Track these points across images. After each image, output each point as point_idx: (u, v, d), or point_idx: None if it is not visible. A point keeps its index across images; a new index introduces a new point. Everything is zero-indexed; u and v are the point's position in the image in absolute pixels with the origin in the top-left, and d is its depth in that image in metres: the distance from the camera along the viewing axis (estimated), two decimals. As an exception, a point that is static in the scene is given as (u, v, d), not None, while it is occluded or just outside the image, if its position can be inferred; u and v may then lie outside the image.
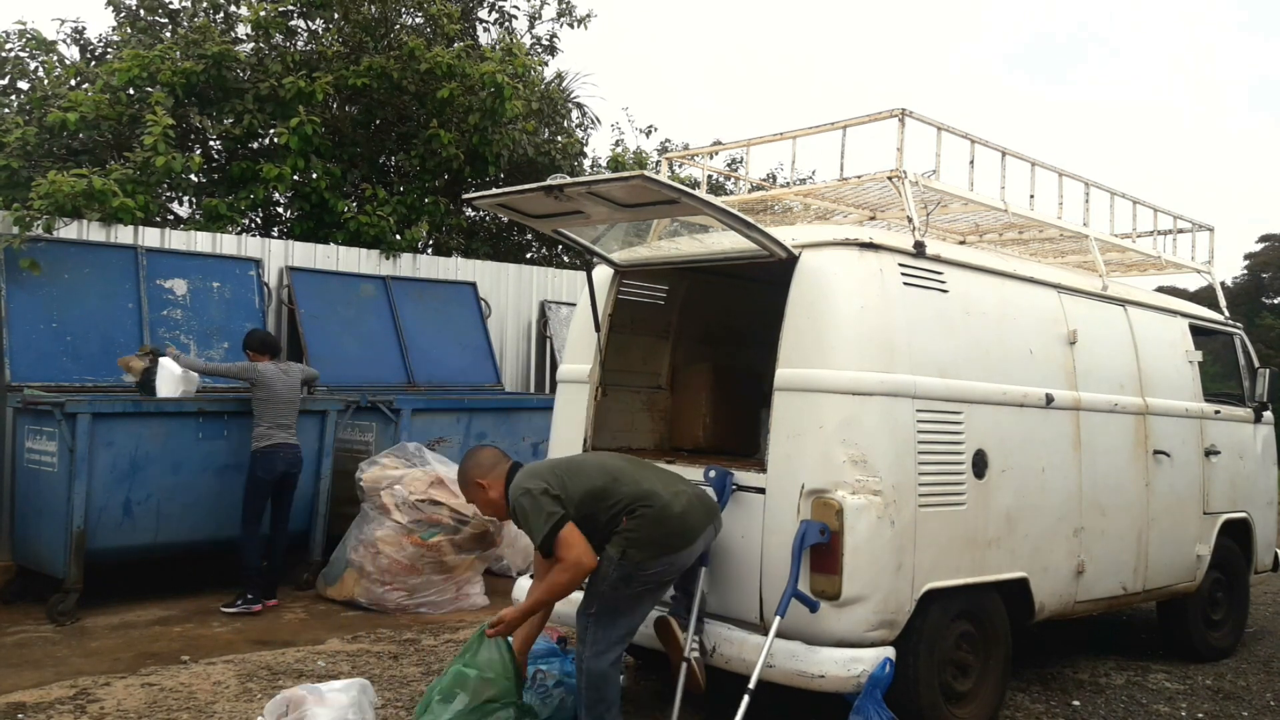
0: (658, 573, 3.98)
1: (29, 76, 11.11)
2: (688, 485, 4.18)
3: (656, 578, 3.99)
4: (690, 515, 4.01)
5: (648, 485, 4.01)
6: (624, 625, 4.02)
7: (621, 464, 4.17)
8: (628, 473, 4.07)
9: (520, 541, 7.37)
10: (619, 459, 4.28)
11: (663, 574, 4.00)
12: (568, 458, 4.39)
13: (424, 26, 11.95)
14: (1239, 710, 5.31)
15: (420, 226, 11.50)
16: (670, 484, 4.10)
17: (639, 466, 4.22)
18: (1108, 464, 5.22)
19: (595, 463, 4.18)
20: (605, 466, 4.11)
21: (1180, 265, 6.79)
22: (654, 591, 4.05)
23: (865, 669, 3.90)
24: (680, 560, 4.02)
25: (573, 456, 4.32)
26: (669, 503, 3.97)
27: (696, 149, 8.64)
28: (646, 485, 4.01)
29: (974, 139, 4.99)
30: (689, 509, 4.02)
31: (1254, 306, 27.52)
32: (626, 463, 4.22)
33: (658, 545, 3.93)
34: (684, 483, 4.19)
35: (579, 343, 5.14)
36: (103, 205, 7.98)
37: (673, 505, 3.97)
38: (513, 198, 4.22)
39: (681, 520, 3.98)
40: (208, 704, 4.77)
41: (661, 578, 4.02)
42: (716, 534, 4.19)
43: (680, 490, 4.08)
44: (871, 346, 4.14)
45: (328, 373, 8.55)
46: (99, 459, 6.36)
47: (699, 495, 4.15)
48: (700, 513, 4.06)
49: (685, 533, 3.99)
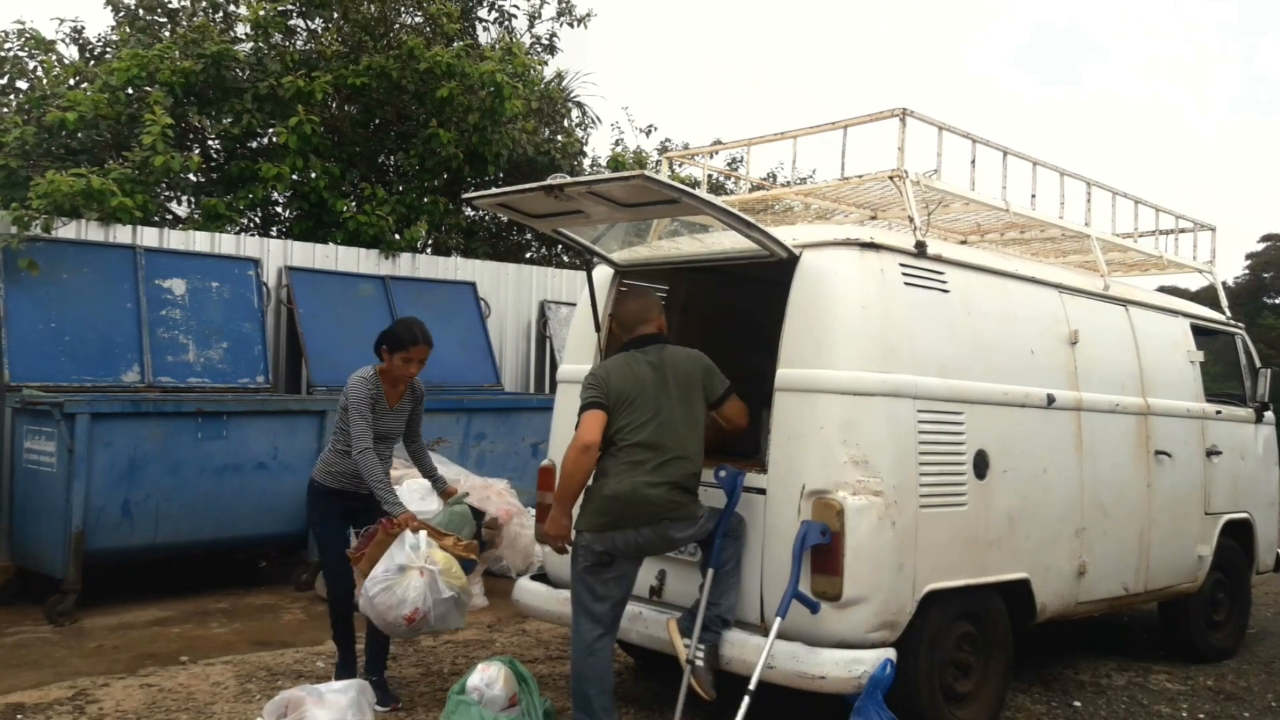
0: (599, 550, 4.05)
1: (28, 76, 11.11)
2: (666, 477, 4.03)
3: (598, 556, 4.05)
4: (606, 505, 4.02)
5: (624, 458, 4.05)
6: (586, 608, 4.09)
7: (638, 427, 4.05)
8: (642, 435, 4.04)
9: (520, 542, 7.35)
10: (651, 419, 4.07)
11: (605, 553, 4.04)
12: (636, 382, 4.10)
13: (423, 26, 11.93)
14: (1240, 711, 5.30)
15: (419, 226, 11.49)
16: (641, 469, 4.02)
17: (652, 432, 4.05)
18: (1109, 464, 5.20)
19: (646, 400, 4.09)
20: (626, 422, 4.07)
21: (1182, 265, 6.78)
22: (601, 571, 4.06)
23: (866, 670, 3.88)
24: (618, 541, 4.01)
25: (639, 386, 4.08)
26: (610, 481, 4.05)
27: (696, 149, 8.63)
28: (624, 457, 4.05)
29: (975, 138, 4.97)
30: (624, 494, 3.99)
31: (1255, 306, 27.49)
32: (644, 426, 4.05)
33: (590, 517, 4.07)
34: (668, 473, 4.03)
35: (579, 343, 5.12)
36: (101, 205, 7.97)
37: (611, 485, 4.03)
38: (512, 197, 4.20)
39: (611, 502, 4.02)
40: (206, 705, 4.76)
41: (604, 558, 4.05)
42: (699, 535, 4.09)
43: (641, 480, 4.00)
44: (872, 346, 4.12)
45: (327, 373, 8.54)
46: (98, 459, 6.34)
47: (657, 494, 4.00)
48: (622, 509, 4.00)
49: (616, 515, 4.01)
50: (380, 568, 4.40)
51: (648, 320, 4.31)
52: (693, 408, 4.16)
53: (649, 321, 4.31)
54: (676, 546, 4.20)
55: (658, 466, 4.04)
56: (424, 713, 4.74)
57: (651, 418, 4.06)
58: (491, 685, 4.26)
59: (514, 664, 4.41)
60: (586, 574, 4.10)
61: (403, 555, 4.39)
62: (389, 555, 4.42)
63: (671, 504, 4.03)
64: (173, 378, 7.77)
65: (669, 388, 4.13)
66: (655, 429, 4.06)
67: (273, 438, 7.14)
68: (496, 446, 8.40)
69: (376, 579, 4.36)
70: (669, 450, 4.05)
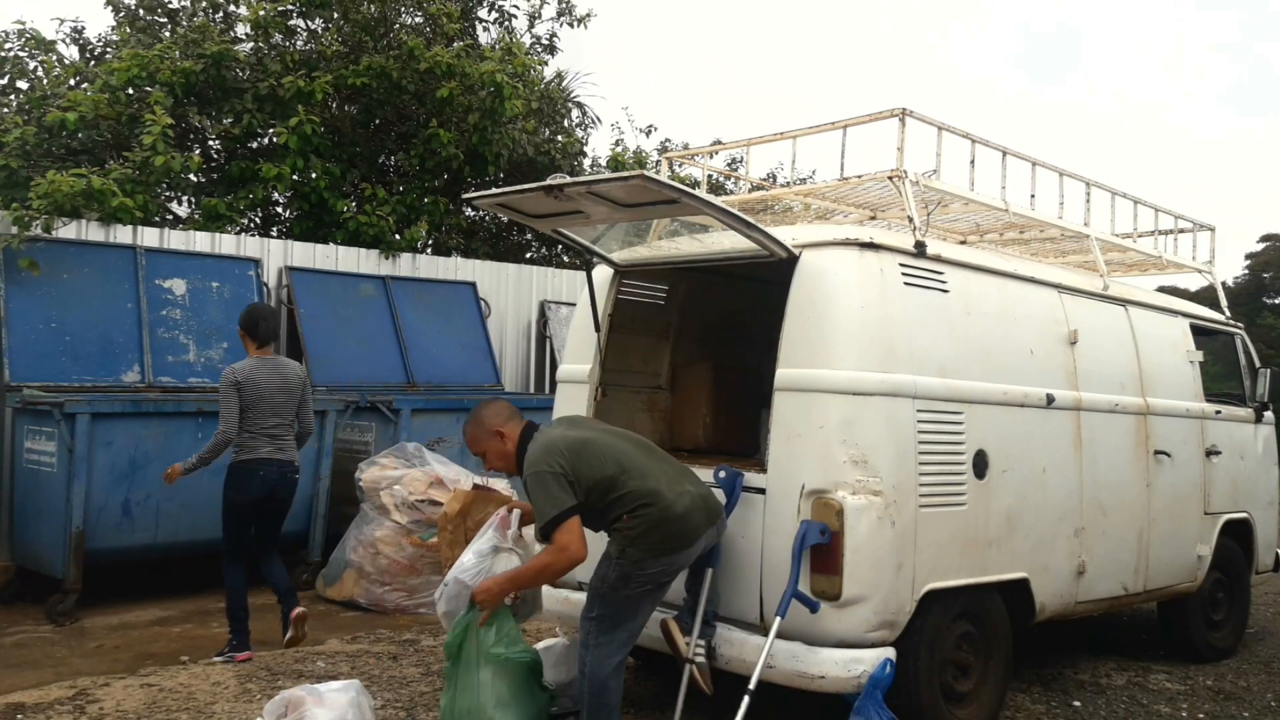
0: (656, 573, 3.94)
1: (28, 76, 11.12)
2: (694, 484, 4.10)
3: (655, 578, 3.96)
4: (691, 517, 3.96)
5: (653, 483, 3.95)
6: (626, 628, 3.98)
7: (633, 453, 4.05)
8: (636, 465, 3.99)
9: (520, 542, 7.36)
10: (632, 445, 4.12)
11: (661, 574, 3.97)
12: (581, 434, 4.05)
13: (423, 26, 11.94)
14: (1240, 711, 5.30)
15: (420, 226, 11.50)
16: (676, 482, 4.03)
17: (649, 456, 4.11)
18: (1109, 464, 5.21)
19: (608, 447, 4.02)
20: (617, 455, 3.99)
21: (1181, 265, 6.78)
22: (653, 593, 4.01)
23: (866, 669, 3.89)
24: (678, 561, 3.99)
25: (586, 433, 4.07)
26: (671, 503, 3.93)
27: (696, 149, 8.63)
28: (651, 483, 3.95)
29: (975, 138, 4.98)
30: (690, 510, 3.97)
31: (1255, 306, 27.51)
32: (638, 451, 4.09)
33: (656, 546, 3.90)
34: (691, 480, 4.11)
35: (579, 343, 5.13)
36: (102, 205, 7.98)
37: (674, 506, 3.93)
38: (512, 198, 4.20)
39: (682, 522, 3.94)
40: (207, 704, 4.76)
41: (660, 578, 3.98)
42: (720, 535, 4.14)
43: (685, 490, 4.02)
44: (872, 346, 4.12)
45: (327, 373, 8.56)
46: (98, 459, 6.35)
47: (704, 496, 4.09)
48: (702, 515, 4.01)
49: (685, 534, 3.95)
50: (470, 553, 4.15)
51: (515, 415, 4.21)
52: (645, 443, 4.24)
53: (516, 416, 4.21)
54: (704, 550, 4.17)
55: (682, 474, 4.12)
56: (424, 712, 4.74)
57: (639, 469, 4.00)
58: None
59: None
60: (645, 597, 4.00)
61: (494, 537, 4.14)
62: (479, 539, 4.19)
63: (717, 504, 4.13)
64: (173, 378, 7.78)
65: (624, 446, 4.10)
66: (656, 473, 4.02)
67: (273, 438, 7.14)
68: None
69: (467, 566, 4.10)
70: (678, 478, 4.07)
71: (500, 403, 4.27)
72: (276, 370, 5.62)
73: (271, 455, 5.56)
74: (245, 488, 5.52)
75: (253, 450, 5.52)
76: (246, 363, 5.56)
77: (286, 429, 5.64)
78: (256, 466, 5.52)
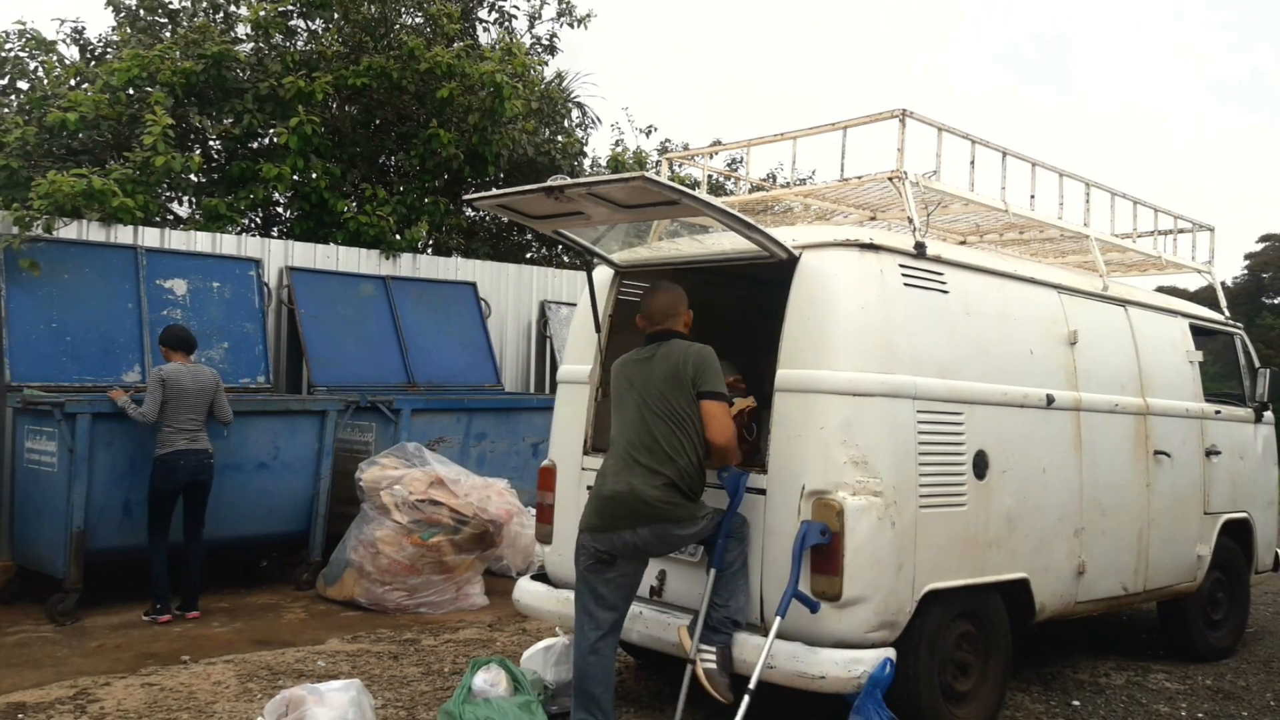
0: (581, 543, 4.13)
1: (29, 76, 11.13)
2: (631, 481, 4.00)
3: (581, 549, 4.12)
4: (600, 506, 4.06)
5: (609, 460, 4.14)
6: (590, 606, 4.11)
7: (623, 427, 4.13)
8: (614, 437, 4.18)
9: (520, 542, 7.37)
10: (632, 421, 4.10)
11: (582, 549, 4.12)
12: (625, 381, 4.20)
13: (424, 26, 11.95)
14: (1239, 710, 5.31)
15: (420, 226, 11.51)
16: (617, 470, 4.06)
17: (632, 434, 4.08)
18: (1108, 464, 5.21)
19: (623, 415, 4.18)
20: (619, 421, 4.17)
21: (1180, 265, 6.79)
22: (591, 568, 4.09)
23: (866, 670, 3.89)
24: (586, 543, 4.09)
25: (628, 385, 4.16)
26: (599, 485, 4.12)
27: (696, 149, 8.65)
28: (609, 459, 4.15)
29: (974, 139, 4.98)
30: (602, 501, 4.07)
31: (1254, 306, 27.53)
32: (630, 427, 4.09)
33: (589, 517, 4.10)
34: (635, 475, 4.01)
35: (579, 343, 5.13)
36: (102, 205, 7.99)
37: (600, 488, 4.11)
38: (513, 198, 4.21)
39: (592, 503, 4.11)
40: (208, 704, 4.77)
41: (582, 553, 4.11)
42: (665, 543, 4.07)
43: (612, 481, 4.06)
44: (872, 347, 4.13)
45: (328, 373, 8.56)
46: (99, 459, 6.36)
47: (625, 494, 4.00)
48: (609, 512, 4.02)
49: (588, 516, 4.10)
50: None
51: (672, 316, 4.28)
52: (680, 404, 4.05)
53: (672, 318, 4.28)
54: (678, 547, 4.20)
55: (650, 465, 4.01)
56: (424, 712, 4.75)
57: (639, 417, 4.07)
58: (495, 686, 4.28)
59: (506, 664, 4.43)
60: (588, 573, 4.11)
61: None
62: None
63: (668, 504, 3.99)
64: (174, 378, 7.77)
65: (655, 384, 4.08)
66: (643, 429, 4.05)
67: (274, 438, 7.16)
68: (497, 446, 8.42)
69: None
70: (659, 449, 4.01)
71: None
72: (192, 375, 6.51)
73: (187, 447, 6.40)
74: (172, 476, 6.36)
75: (171, 444, 6.36)
76: (171, 365, 6.48)
77: (200, 424, 6.49)
78: (177, 457, 6.36)
